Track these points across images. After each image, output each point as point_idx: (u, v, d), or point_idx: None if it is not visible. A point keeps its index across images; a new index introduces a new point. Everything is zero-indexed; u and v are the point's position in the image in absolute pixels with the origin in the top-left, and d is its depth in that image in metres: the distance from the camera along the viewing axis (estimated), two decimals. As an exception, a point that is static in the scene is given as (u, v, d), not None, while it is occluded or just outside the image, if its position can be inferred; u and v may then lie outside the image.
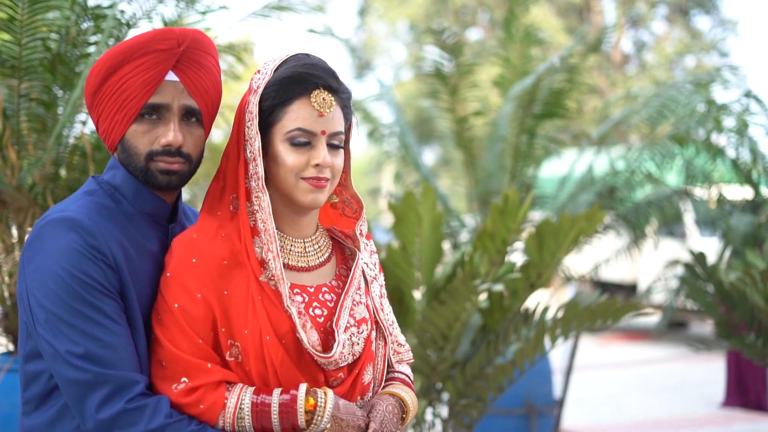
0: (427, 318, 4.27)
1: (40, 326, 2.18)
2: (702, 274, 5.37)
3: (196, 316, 2.25)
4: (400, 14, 32.19)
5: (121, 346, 2.19)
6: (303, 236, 2.44)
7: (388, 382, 2.56)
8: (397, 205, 4.47)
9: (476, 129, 7.75)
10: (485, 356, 4.46)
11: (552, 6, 29.93)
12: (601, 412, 9.94)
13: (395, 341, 2.61)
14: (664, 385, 11.51)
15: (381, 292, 2.59)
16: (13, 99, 4.51)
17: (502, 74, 7.51)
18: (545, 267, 4.42)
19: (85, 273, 2.18)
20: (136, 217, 2.37)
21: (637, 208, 6.81)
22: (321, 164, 2.31)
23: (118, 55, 2.31)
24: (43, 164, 4.56)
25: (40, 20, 4.48)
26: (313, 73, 2.33)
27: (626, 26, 31.27)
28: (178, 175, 2.36)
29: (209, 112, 2.40)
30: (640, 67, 31.79)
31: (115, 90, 2.30)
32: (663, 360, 12.77)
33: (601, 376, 12.11)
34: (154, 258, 2.34)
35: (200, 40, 2.38)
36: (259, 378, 2.29)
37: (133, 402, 2.14)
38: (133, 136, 2.33)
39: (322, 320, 2.38)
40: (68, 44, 4.66)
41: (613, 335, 16.05)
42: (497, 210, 4.30)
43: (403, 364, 2.65)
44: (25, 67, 4.51)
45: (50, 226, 2.22)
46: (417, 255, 4.49)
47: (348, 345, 2.38)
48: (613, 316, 4.46)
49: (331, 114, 2.34)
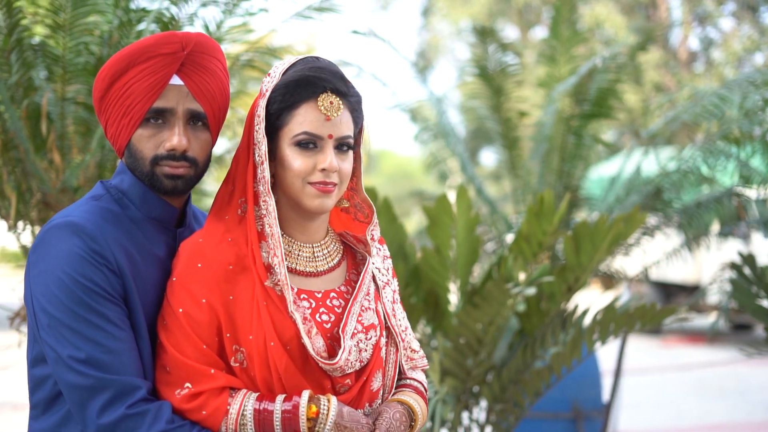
0: (462, 322, 4.23)
1: (43, 331, 2.19)
2: (751, 277, 5.24)
3: (201, 322, 2.25)
4: (463, 13, 32.05)
5: (124, 351, 2.19)
6: (312, 241, 2.42)
7: (398, 389, 2.52)
8: (430, 207, 4.44)
9: (522, 129, 7.66)
10: (522, 361, 4.40)
11: (617, 4, 29.56)
12: (659, 416, 9.79)
13: (408, 347, 2.58)
14: (725, 389, 11.30)
15: (394, 298, 2.56)
16: (58, 103, 4.57)
17: (548, 73, 7.42)
18: (583, 270, 4.35)
19: (88, 278, 2.18)
20: (143, 222, 2.37)
21: (686, 209, 6.68)
22: (328, 168, 2.29)
23: (123, 59, 2.31)
24: (87, 167, 4.62)
25: (83, 24, 4.54)
26: (321, 76, 2.31)
27: (693, 23, 30.76)
28: (183, 179, 2.35)
29: (215, 116, 2.39)
30: (707, 64, 31.26)
31: (121, 94, 2.31)
32: (724, 363, 12.52)
33: (661, 380, 11.92)
34: (161, 263, 2.34)
35: (205, 43, 2.38)
36: (264, 384, 2.27)
37: (134, 407, 2.15)
38: (139, 140, 2.33)
39: (329, 326, 2.36)
40: (111, 48, 4.70)
41: (676, 337, 15.80)
42: (532, 212, 4.24)
43: (417, 370, 2.62)
44: (69, 71, 4.58)
45: (54, 231, 2.23)
46: (452, 258, 4.45)
47: (355, 351, 2.35)
48: (651, 321, 4.37)
49: (339, 118, 2.32)
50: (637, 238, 6.85)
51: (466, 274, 4.51)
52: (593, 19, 26.65)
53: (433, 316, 4.58)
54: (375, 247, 2.56)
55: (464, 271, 4.51)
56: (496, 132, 7.47)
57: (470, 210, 4.40)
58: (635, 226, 4.32)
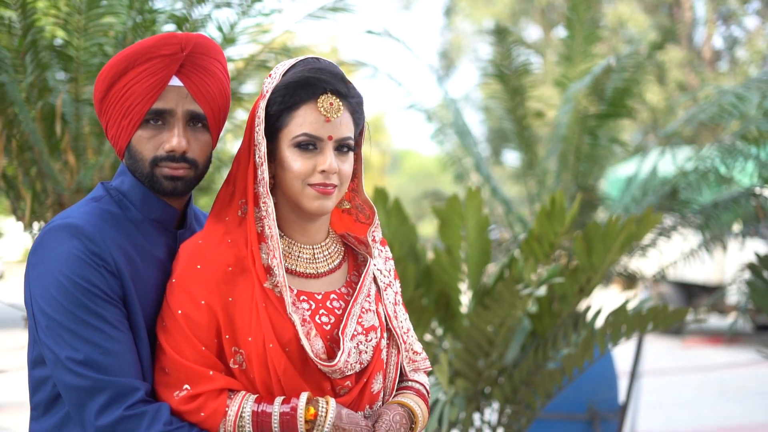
0: (472, 323, 4.22)
1: (42, 332, 2.20)
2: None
3: (200, 323, 2.24)
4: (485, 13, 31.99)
5: (122, 352, 2.19)
6: (312, 242, 2.42)
7: (399, 391, 2.51)
8: (441, 208, 4.43)
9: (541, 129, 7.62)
10: (534, 362, 4.38)
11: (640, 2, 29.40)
12: (678, 417, 9.73)
13: (410, 349, 2.57)
14: (745, 390, 11.21)
15: (395, 300, 2.56)
16: (72, 104, 4.59)
17: (564, 73, 7.38)
18: (594, 271, 4.32)
19: (86, 279, 2.19)
20: (143, 224, 2.37)
21: (703, 210, 6.63)
22: (327, 170, 2.28)
23: (123, 60, 2.31)
24: (102, 168, 4.64)
25: (98, 25, 4.56)
26: (320, 77, 2.30)
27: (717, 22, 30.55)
28: (183, 180, 2.35)
29: (215, 117, 2.39)
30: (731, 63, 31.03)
31: (121, 96, 2.31)
32: (745, 364, 12.43)
33: (680, 381, 11.84)
34: (161, 264, 2.34)
35: (204, 44, 2.37)
36: (263, 386, 2.27)
37: (132, 409, 2.15)
38: (139, 141, 2.33)
39: (328, 327, 2.35)
40: (125, 49, 4.71)
41: (697, 338, 15.70)
42: (544, 213, 4.22)
43: (419, 372, 2.61)
44: (83, 72, 4.60)
45: (53, 233, 2.23)
46: (463, 259, 4.43)
47: (355, 353, 2.35)
48: (663, 322, 4.34)
49: (339, 119, 2.31)
50: (653, 239, 6.81)
51: (477, 275, 4.50)
52: (616, 18, 26.54)
53: (445, 317, 4.57)
54: (377, 248, 2.55)
55: (475, 271, 4.49)
56: (512, 132, 7.44)
57: (481, 210, 4.38)
58: (648, 227, 4.29)
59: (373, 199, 4.60)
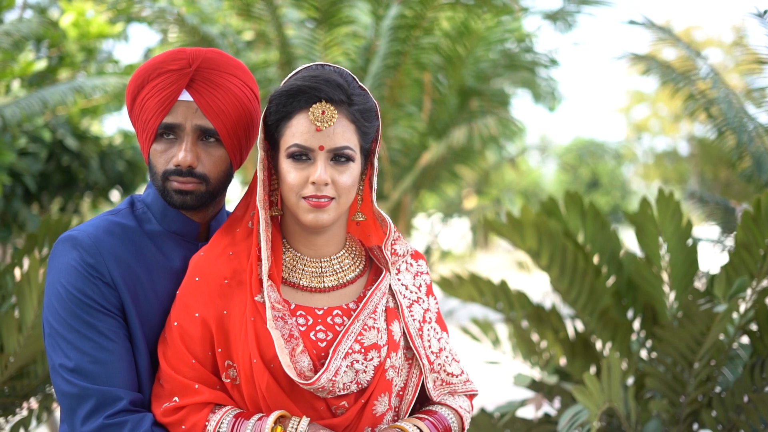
0: (667, 341, 3.79)
1: (44, 339, 2.32)
2: None
3: (193, 335, 2.25)
4: None
5: (112, 362, 2.25)
6: (320, 256, 2.34)
7: (417, 415, 2.36)
8: (635, 214, 4.03)
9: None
10: (750, 384, 3.86)
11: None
12: None
13: (442, 370, 2.39)
14: None
15: (425, 317, 2.39)
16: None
17: None
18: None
19: (81, 291, 2.26)
20: (162, 236, 2.41)
21: None
22: (316, 182, 2.19)
23: (139, 76, 2.37)
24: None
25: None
26: (312, 85, 2.20)
27: None
28: (193, 195, 2.35)
29: (228, 132, 2.36)
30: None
31: (140, 110, 2.37)
32: None
33: None
34: (175, 276, 2.37)
35: (215, 59, 2.37)
36: (251, 401, 2.24)
37: (113, 418, 2.20)
38: (154, 155, 2.38)
39: (324, 344, 2.26)
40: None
41: None
42: (748, 218, 3.71)
43: (457, 396, 2.44)
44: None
45: (58, 245, 2.34)
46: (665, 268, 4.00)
47: (349, 372, 2.23)
48: None
49: (332, 128, 2.20)
50: None
51: (682, 287, 4.02)
52: None
53: (652, 332, 4.16)
54: (405, 262, 2.41)
55: (680, 283, 4.02)
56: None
57: (677, 216, 3.92)
58: None
59: (566, 204, 4.29)
